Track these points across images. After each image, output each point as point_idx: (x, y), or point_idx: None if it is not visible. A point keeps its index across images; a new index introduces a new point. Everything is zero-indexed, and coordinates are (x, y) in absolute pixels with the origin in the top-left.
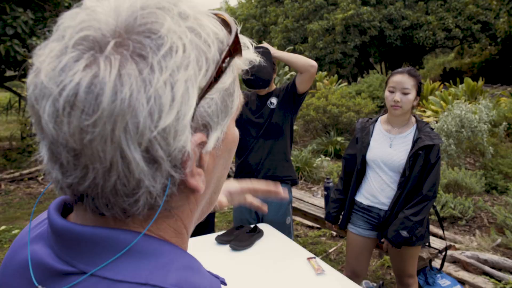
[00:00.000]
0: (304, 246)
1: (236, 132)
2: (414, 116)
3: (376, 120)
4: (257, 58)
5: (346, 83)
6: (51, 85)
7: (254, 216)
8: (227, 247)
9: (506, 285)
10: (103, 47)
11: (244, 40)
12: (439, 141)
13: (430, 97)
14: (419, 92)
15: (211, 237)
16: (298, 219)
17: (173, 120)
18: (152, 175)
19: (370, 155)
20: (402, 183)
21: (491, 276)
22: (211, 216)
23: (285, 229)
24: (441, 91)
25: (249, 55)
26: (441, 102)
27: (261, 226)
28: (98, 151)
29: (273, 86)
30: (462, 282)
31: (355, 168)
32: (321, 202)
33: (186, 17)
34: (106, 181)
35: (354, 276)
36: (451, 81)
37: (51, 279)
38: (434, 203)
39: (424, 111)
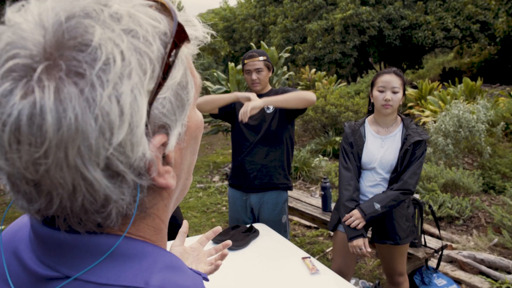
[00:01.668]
0: (302, 246)
1: (199, 117)
2: (399, 114)
3: (363, 122)
4: (207, 36)
5: (345, 83)
6: None
7: (250, 215)
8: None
9: (502, 285)
10: (35, 73)
11: (189, 17)
12: (426, 136)
13: (429, 97)
14: (404, 92)
15: None
16: (295, 219)
17: (126, 134)
18: (119, 188)
19: (365, 158)
20: (393, 178)
21: (487, 275)
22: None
23: (281, 228)
24: (439, 91)
25: (197, 33)
26: (440, 102)
27: (257, 226)
28: (57, 178)
29: (269, 87)
30: (458, 281)
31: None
32: (318, 202)
33: (119, 17)
34: (73, 202)
35: (341, 275)
36: (450, 81)
37: (36, 284)
38: (430, 203)
39: (423, 111)
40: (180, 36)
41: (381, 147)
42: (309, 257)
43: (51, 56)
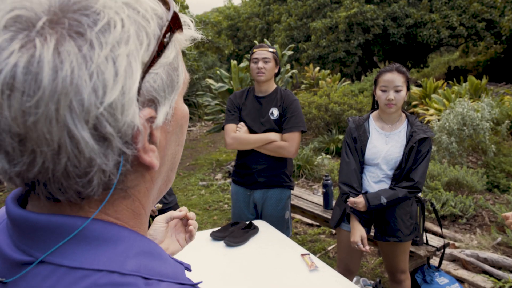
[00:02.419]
0: (303, 244)
1: (185, 108)
2: (403, 111)
3: (368, 117)
4: (198, 36)
5: (349, 82)
6: None
7: (253, 211)
8: (221, 243)
9: (506, 284)
10: (38, 26)
11: (184, 18)
12: (431, 133)
13: (433, 96)
14: (408, 88)
15: (206, 233)
16: (297, 216)
17: (118, 95)
18: (104, 152)
19: (369, 153)
20: (397, 175)
21: (490, 274)
22: None
23: (284, 224)
24: (444, 90)
25: (191, 33)
26: (444, 100)
27: (256, 222)
28: (44, 133)
29: (274, 85)
30: (461, 280)
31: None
32: (320, 199)
33: None
34: (56, 164)
35: (348, 272)
36: (454, 79)
37: (11, 269)
38: (433, 201)
39: (427, 110)
40: (175, 22)
41: (385, 144)
42: (308, 254)
43: (55, 14)
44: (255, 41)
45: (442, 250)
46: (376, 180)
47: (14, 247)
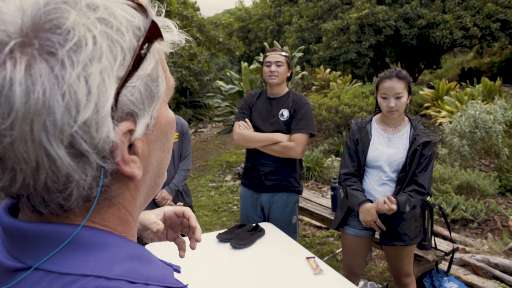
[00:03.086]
0: (311, 246)
1: (170, 115)
2: (406, 115)
3: (370, 120)
4: (182, 40)
5: (360, 83)
6: None
7: (261, 214)
8: (227, 245)
9: None
10: (7, 50)
11: (166, 22)
12: (434, 137)
13: (446, 97)
14: (410, 91)
15: (212, 235)
16: (306, 219)
17: (92, 113)
18: (81, 168)
19: (371, 155)
20: (401, 178)
21: (501, 280)
22: None
23: (291, 228)
24: (456, 91)
25: (173, 37)
26: (456, 102)
27: (263, 225)
28: (21, 152)
29: (286, 88)
30: (471, 286)
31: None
32: (328, 202)
33: (95, 8)
34: (36, 180)
35: (353, 275)
36: (467, 81)
37: (5, 276)
38: (443, 205)
39: (439, 112)
40: (153, 32)
41: (388, 146)
42: (314, 257)
43: (26, 35)
44: (265, 43)
45: (451, 255)
46: (379, 183)
47: (7, 254)
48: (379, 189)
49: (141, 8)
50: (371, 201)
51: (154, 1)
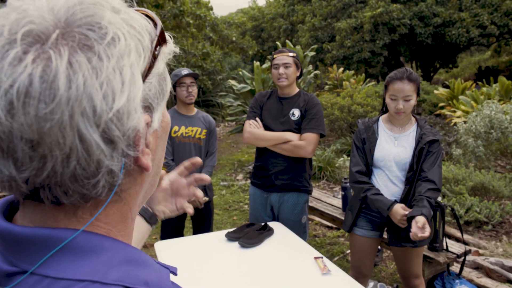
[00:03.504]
0: (322, 246)
1: (168, 115)
2: (413, 115)
3: (377, 120)
4: (176, 50)
5: (374, 82)
6: (1, 78)
7: (270, 214)
8: (236, 244)
9: None
10: (50, 39)
11: (166, 34)
12: (440, 136)
13: (461, 97)
14: (418, 93)
15: (221, 234)
16: (316, 219)
17: (125, 102)
18: (111, 154)
19: (378, 154)
20: (410, 177)
21: None
22: (210, 218)
23: (300, 228)
24: (472, 91)
25: (172, 47)
26: (472, 102)
27: (272, 224)
28: (58, 137)
29: (296, 89)
30: None
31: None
32: (338, 202)
33: (118, 11)
34: (65, 168)
35: (361, 276)
36: (484, 80)
37: (1, 280)
38: (457, 206)
39: (454, 111)
40: (162, 37)
41: (394, 146)
42: (322, 257)
43: (64, 28)
44: (278, 42)
45: (463, 257)
46: (387, 183)
47: (2, 258)
48: (385, 188)
49: (148, 18)
50: (396, 201)
51: (169, 1)
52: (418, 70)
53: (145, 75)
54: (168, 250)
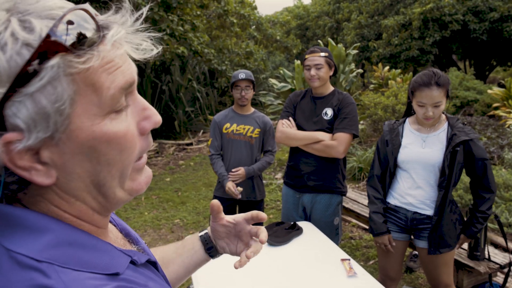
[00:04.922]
0: (357, 249)
1: (104, 129)
2: (443, 112)
3: (404, 121)
4: (150, 45)
5: None
6: None
7: (302, 214)
8: None
9: None
10: None
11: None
12: (474, 135)
13: None
14: (448, 95)
15: None
16: (353, 221)
17: None
18: None
19: (402, 156)
20: (442, 182)
21: None
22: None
23: (333, 229)
24: None
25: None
26: None
27: (302, 224)
28: None
29: (331, 88)
30: None
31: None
32: None
33: None
34: None
35: (388, 279)
36: None
37: None
38: (503, 213)
39: (510, 112)
40: (49, 47)
41: (421, 147)
42: (349, 259)
43: None
44: (319, 41)
45: (507, 268)
46: (413, 187)
47: None
48: (413, 192)
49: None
50: (389, 232)
51: (213, 1)
52: (471, 68)
53: (6, 96)
54: None
